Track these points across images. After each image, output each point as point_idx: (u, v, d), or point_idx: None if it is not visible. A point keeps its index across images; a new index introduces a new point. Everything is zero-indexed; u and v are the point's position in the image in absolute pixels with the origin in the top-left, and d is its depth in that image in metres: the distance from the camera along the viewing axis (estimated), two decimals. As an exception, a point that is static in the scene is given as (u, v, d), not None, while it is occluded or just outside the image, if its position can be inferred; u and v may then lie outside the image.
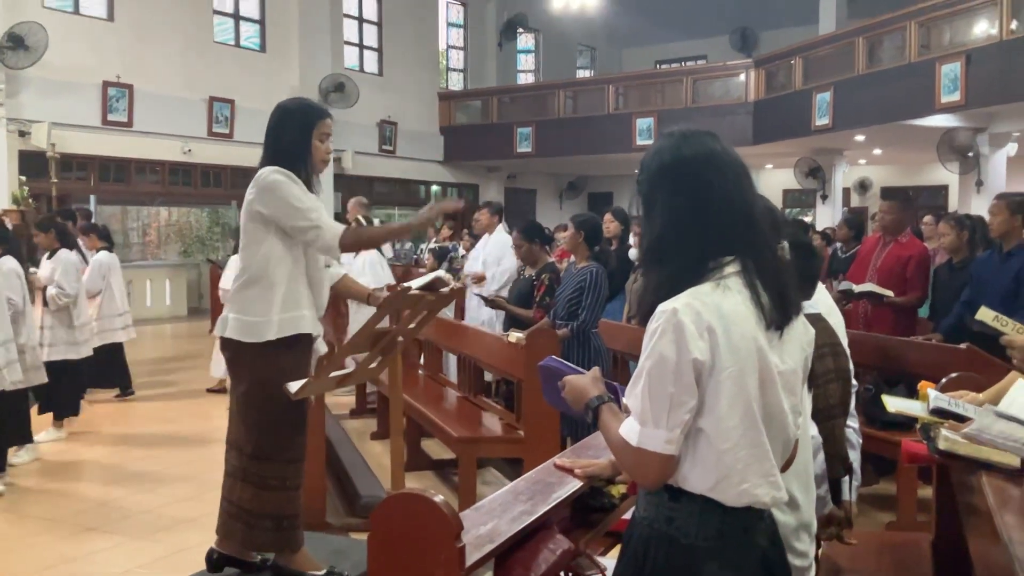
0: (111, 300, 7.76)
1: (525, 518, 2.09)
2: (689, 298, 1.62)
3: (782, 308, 1.69)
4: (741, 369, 1.61)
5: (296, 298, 3.18)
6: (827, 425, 2.37)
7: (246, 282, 3.19)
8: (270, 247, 3.17)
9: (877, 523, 4.84)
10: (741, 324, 1.63)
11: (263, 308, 3.13)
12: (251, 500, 3.20)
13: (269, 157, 3.24)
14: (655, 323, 1.63)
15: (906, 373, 4.86)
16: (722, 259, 1.67)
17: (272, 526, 3.21)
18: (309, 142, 3.25)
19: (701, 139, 1.75)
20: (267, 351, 3.14)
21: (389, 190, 18.48)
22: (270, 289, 3.14)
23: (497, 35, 20.88)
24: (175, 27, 13.92)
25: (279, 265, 3.17)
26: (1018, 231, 5.04)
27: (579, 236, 5.18)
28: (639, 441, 1.65)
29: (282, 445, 3.22)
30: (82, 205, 12.24)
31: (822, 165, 15.77)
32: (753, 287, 1.66)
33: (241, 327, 3.15)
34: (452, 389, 6.08)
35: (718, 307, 1.61)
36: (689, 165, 1.72)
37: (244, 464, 3.22)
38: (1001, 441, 1.71)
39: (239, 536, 3.25)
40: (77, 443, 6.40)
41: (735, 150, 1.78)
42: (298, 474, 3.29)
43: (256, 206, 3.16)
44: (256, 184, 3.18)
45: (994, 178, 12.53)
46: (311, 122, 3.28)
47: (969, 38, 11.61)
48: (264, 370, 3.16)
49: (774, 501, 1.69)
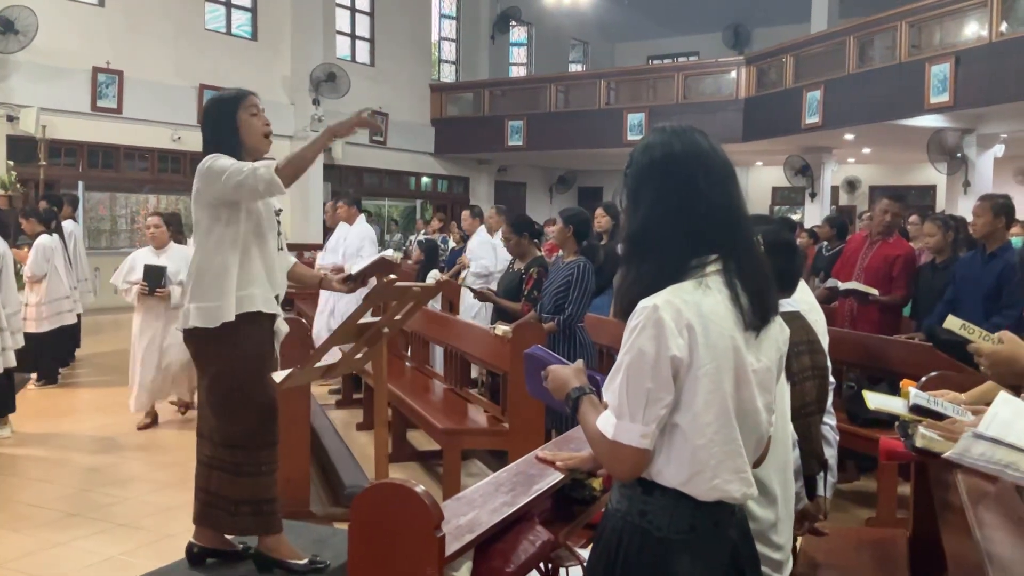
0: (58, 283, 7.78)
1: (505, 509, 2.11)
2: (670, 295, 1.64)
3: (761, 310, 1.71)
4: (718, 367, 1.64)
5: (248, 279, 3.22)
6: (803, 422, 2.40)
7: (200, 271, 3.24)
8: (220, 233, 3.21)
9: (858, 519, 4.89)
10: (719, 323, 1.65)
11: (217, 292, 3.18)
12: (228, 487, 3.23)
13: (207, 144, 3.31)
14: (636, 319, 1.65)
15: (889, 371, 4.91)
16: (705, 257, 1.69)
17: (251, 511, 3.24)
18: (234, 124, 3.29)
19: (692, 137, 1.76)
20: (228, 336, 3.17)
21: (379, 181, 18.46)
22: (223, 273, 3.19)
23: (490, 28, 20.86)
24: (166, 14, 13.86)
25: (231, 250, 3.21)
26: (1001, 232, 5.09)
27: (567, 231, 5.19)
28: (615, 434, 1.67)
29: (253, 431, 3.24)
30: (70, 191, 12.19)
31: (811, 163, 15.83)
32: (733, 287, 1.69)
33: (200, 314, 3.19)
34: (439, 381, 6.10)
35: (698, 305, 1.64)
36: (678, 162, 1.73)
37: (217, 452, 3.25)
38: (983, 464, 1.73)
39: (222, 523, 3.28)
40: (59, 429, 6.39)
41: (724, 150, 1.80)
42: (272, 458, 3.32)
43: (202, 194, 3.22)
44: (197, 174, 3.26)
45: (981, 179, 12.62)
46: (233, 105, 3.33)
47: (959, 39, 11.68)
48: (227, 356, 3.20)
49: (744, 496, 1.72)
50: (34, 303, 7.58)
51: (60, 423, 6.58)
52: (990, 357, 1.93)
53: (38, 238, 7.67)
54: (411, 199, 20.03)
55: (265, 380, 3.22)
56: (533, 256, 5.76)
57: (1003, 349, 1.92)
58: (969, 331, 2.10)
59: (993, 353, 1.93)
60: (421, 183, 19.64)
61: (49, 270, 7.65)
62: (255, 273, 3.25)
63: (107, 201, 15.72)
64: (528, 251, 5.77)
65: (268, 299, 3.28)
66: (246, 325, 3.20)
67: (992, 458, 1.68)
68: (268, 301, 3.28)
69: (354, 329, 3.26)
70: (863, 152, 17.20)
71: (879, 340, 5.15)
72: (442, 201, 19.83)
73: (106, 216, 15.21)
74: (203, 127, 3.41)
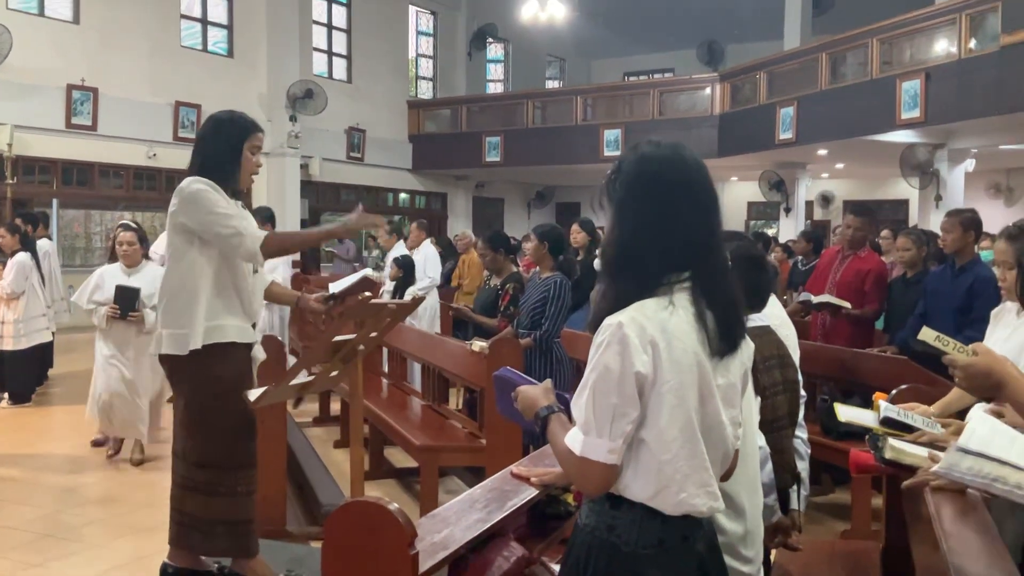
0: (35, 301, 7.74)
1: (480, 526, 2.11)
2: (635, 312, 1.67)
3: (728, 337, 1.74)
4: (682, 383, 1.66)
5: (220, 308, 3.19)
6: (775, 436, 2.42)
7: (171, 295, 3.21)
8: (193, 258, 3.18)
9: (833, 532, 4.92)
10: (683, 339, 1.67)
11: (187, 319, 3.15)
12: (202, 508, 3.21)
13: (197, 167, 3.24)
14: (601, 336, 1.68)
15: (862, 385, 4.96)
16: (676, 275, 1.72)
17: (225, 531, 3.22)
18: (240, 154, 3.26)
19: (683, 161, 1.78)
20: (201, 360, 3.15)
21: (357, 197, 18.41)
22: (194, 300, 3.15)
23: (467, 44, 20.94)
24: (142, 31, 13.82)
25: (201, 276, 3.17)
26: (971, 247, 5.16)
27: (543, 247, 5.22)
28: (582, 450, 1.69)
29: (228, 452, 3.22)
30: (43, 209, 12.09)
31: (785, 178, 15.98)
32: (699, 306, 1.71)
33: (169, 340, 3.17)
34: (416, 397, 6.09)
35: (663, 322, 1.66)
36: (667, 186, 1.75)
37: (191, 473, 3.23)
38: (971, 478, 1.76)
39: (197, 544, 3.25)
40: (32, 449, 6.32)
41: (710, 176, 1.81)
42: (250, 480, 3.30)
43: (179, 217, 3.17)
44: (178, 195, 3.19)
45: (953, 193, 12.76)
46: (243, 135, 3.29)
47: (929, 56, 11.84)
48: (200, 380, 3.18)
49: (711, 510, 1.74)
50: (11, 320, 7.52)
51: (33, 443, 6.51)
52: (965, 369, 1.95)
53: (16, 255, 7.61)
54: (389, 215, 19.99)
55: (241, 400, 3.21)
56: (509, 272, 5.78)
57: (977, 361, 1.96)
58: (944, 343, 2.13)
59: (968, 365, 1.96)
60: (399, 199, 19.63)
61: (27, 288, 7.59)
62: (229, 302, 3.22)
63: (82, 218, 15.60)
64: (504, 267, 5.80)
65: (243, 329, 3.26)
66: (219, 351, 3.18)
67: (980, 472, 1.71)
68: (243, 331, 3.25)
69: (329, 347, 3.26)
70: (837, 167, 17.37)
71: (852, 354, 5.20)
72: (420, 217, 19.78)
73: (80, 233, 15.10)
74: (203, 141, 3.30)
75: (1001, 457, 1.70)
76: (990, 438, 1.73)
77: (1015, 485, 1.70)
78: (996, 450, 1.72)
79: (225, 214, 3.11)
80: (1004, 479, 1.70)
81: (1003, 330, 3.13)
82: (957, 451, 1.73)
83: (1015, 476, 1.70)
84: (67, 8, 13.16)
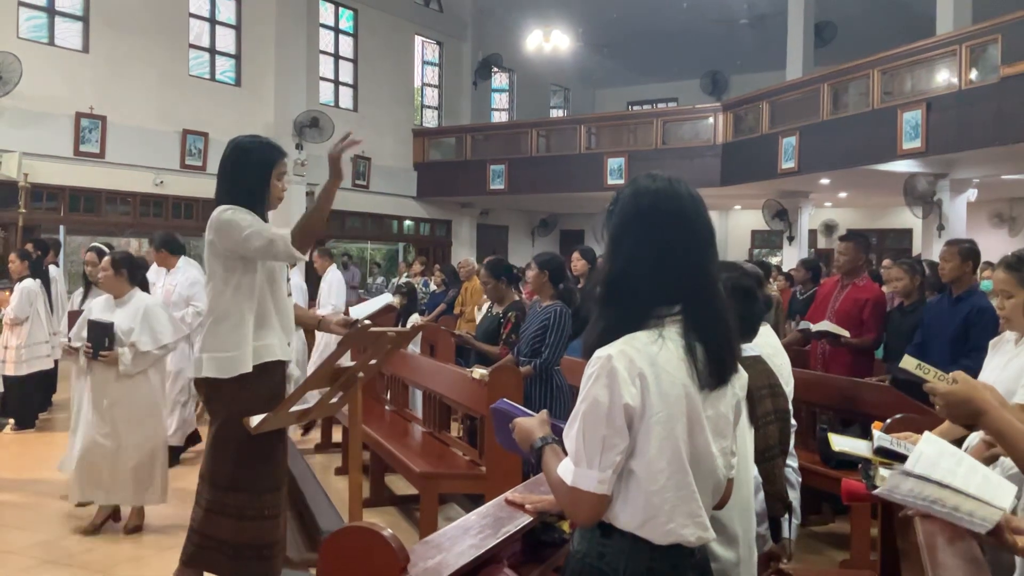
0: (39, 327, 7.78)
1: (473, 552, 2.13)
2: (624, 345, 1.70)
3: (718, 370, 1.76)
4: (670, 414, 1.69)
5: (265, 328, 3.25)
6: (767, 465, 2.45)
7: (215, 320, 3.25)
8: (236, 283, 3.23)
9: (832, 561, 4.92)
10: (672, 372, 1.70)
11: (235, 342, 3.19)
12: (229, 531, 3.22)
13: (226, 193, 3.30)
14: (591, 368, 1.71)
15: (861, 414, 4.97)
16: (668, 308, 1.74)
17: (254, 555, 3.23)
18: (268, 181, 3.32)
19: (679, 196, 1.80)
20: (245, 383, 3.19)
21: (362, 224, 18.54)
22: (240, 323, 3.20)
23: (472, 74, 21.12)
24: (150, 60, 13.98)
25: (246, 299, 3.23)
26: (968, 277, 5.19)
27: (543, 275, 5.26)
28: (573, 480, 1.72)
29: (259, 475, 3.25)
30: (51, 235, 12.18)
31: (788, 207, 16.03)
32: (689, 339, 1.73)
33: (217, 364, 3.20)
34: (417, 424, 6.11)
35: (652, 355, 1.69)
36: (663, 219, 1.77)
37: (218, 496, 3.25)
38: (911, 500, 1.80)
39: (218, 566, 3.26)
40: (35, 474, 6.34)
41: (706, 209, 1.83)
42: (276, 503, 3.33)
43: (218, 246, 3.23)
44: (212, 225, 3.27)
45: (955, 223, 12.82)
46: (271, 161, 3.34)
47: (930, 86, 11.92)
48: (243, 403, 3.20)
49: (699, 540, 1.75)
50: (14, 346, 7.57)
51: (36, 469, 6.53)
52: (945, 397, 1.98)
53: (23, 281, 7.68)
54: (394, 242, 20.11)
55: None
56: (511, 300, 5.82)
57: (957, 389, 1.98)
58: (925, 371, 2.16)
59: (948, 393, 1.99)
60: (404, 226, 19.72)
61: (31, 314, 7.65)
62: (271, 321, 3.27)
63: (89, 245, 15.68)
64: (506, 295, 5.83)
65: (284, 347, 3.31)
66: (260, 373, 3.21)
67: (920, 494, 1.74)
68: (284, 349, 3.31)
69: (329, 373, 3.30)
70: (839, 196, 17.44)
71: (851, 383, 5.21)
72: (425, 244, 19.92)
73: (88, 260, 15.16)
74: (230, 171, 3.34)
75: (943, 480, 1.74)
76: (936, 460, 1.76)
77: (952, 508, 1.73)
78: (940, 473, 1.75)
79: (256, 231, 3.19)
80: (942, 501, 1.73)
81: (1000, 358, 3.14)
82: (901, 473, 1.76)
83: (953, 499, 1.73)
84: (77, 37, 13.33)
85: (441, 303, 11.11)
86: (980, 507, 1.74)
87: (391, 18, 18.79)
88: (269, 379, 3.27)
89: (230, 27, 15.71)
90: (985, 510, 1.74)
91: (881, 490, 1.82)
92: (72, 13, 13.29)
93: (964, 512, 1.74)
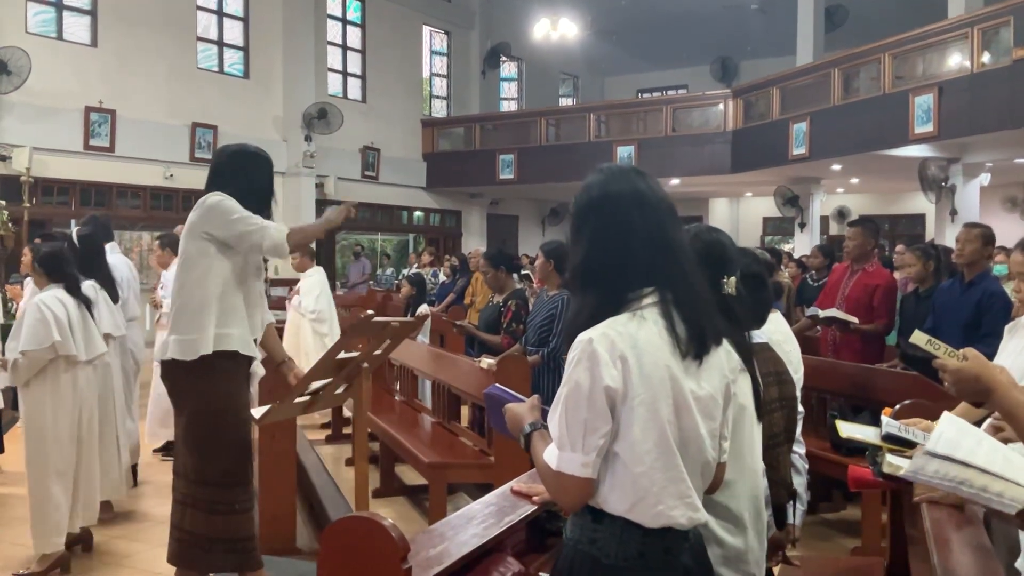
0: None
1: (475, 541, 2.13)
2: (605, 328, 1.70)
3: (700, 339, 1.76)
4: (653, 396, 1.68)
5: (229, 316, 3.26)
6: (772, 453, 2.42)
7: (182, 302, 3.28)
8: (207, 266, 3.26)
9: (843, 548, 4.90)
10: (654, 353, 1.70)
11: (197, 325, 3.22)
12: (203, 525, 3.24)
13: (236, 194, 3.32)
14: (573, 352, 1.72)
15: (873, 400, 4.93)
16: (642, 290, 1.75)
17: (227, 548, 3.25)
18: (272, 188, 3.41)
19: (628, 177, 1.84)
20: (205, 371, 3.20)
21: (372, 215, 18.55)
22: (206, 307, 3.23)
23: (480, 63, 21.06)
24: (159, 53, 14.00)
25: (213, 284, 3.26)
26: (985, 261, 5.11)
27: (549, 264, 5.24)
28: (558, 465, 1.72)
29: (227, 469, 3.27)
30: (62, 229, 12.23)
31: (800, 193, 15.95)
32: (669, 317, 1.74)
33: (178, 346, 3.23)
34: (427, 415, 6.11)
35: (632, 336, 1.69)
36: (613, 200, 1.81)
37: (191, 490, 3.27)
38: (937, 481, 1.76)
39: (197, 561, 3.28)
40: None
41: (662, 188, 1.87)
42: (247, 497, 3.34)
43: (202, 227, 3.26)
44: (200, 206, 3.31)
45: (968, 207, 12.71)
46: (272, 170, 3.52)
47: (942, 70, 11.82)
48: (205, 393, 3.23)
49: (691, 521, 1.74)
50: None
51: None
52: (954, 374, 1.95)
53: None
54: (404, 233, 20.11)
55: (240, 419, 3.25)
56: (511, 289, 5.82)
57: (967, 366, 1.95)
58: (935, 347, 2.13)
59: (958, 370, 1.95)
60: (413, 217, 19.73)
61: None
62: (236, 312, 3.29)
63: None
64: (506, 284, 5.83)
65: (246, 341, 3.32)
66: (223, 361, 3.23)
67: (947, 475, 1.71)
68: (246, 343, 3.31)
69: (333, 364, 3.29)
70: (851, 182, 17.33)
71: (862, 369, 5.18)
72: (435, 235, 19.92)
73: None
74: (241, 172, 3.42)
75: (967, 460, 1.71)
76: (958, 440, 1.73)
77: (980, 488, 1.70)
78: (963, 453, 1.72)
79: (246, 215, 3.24)
80: (970, 482, 1.70)
81: (1018, 342, 3.09)
82: (924, 455, 1.73)
83: (980, 479, 1.70)
84: (85, 32, 13.36)
85: (450, 293, 11.11)
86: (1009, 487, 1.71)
87: (399, 8, 18.75)
88: (233, 372, 3.28)
89: (238, 19, 15.72)
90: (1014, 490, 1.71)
91: (906, 471, 1.79)
92: (80, 7, 13.33)
93: (993, 493, 1.71)
